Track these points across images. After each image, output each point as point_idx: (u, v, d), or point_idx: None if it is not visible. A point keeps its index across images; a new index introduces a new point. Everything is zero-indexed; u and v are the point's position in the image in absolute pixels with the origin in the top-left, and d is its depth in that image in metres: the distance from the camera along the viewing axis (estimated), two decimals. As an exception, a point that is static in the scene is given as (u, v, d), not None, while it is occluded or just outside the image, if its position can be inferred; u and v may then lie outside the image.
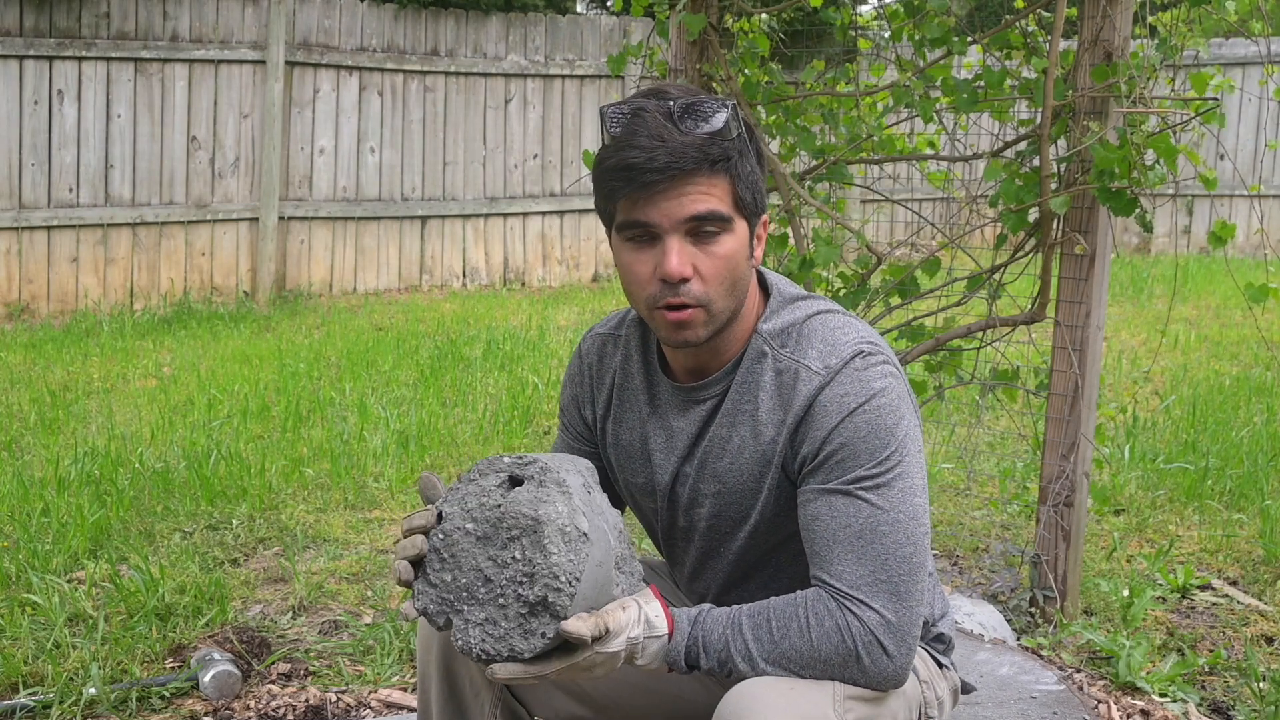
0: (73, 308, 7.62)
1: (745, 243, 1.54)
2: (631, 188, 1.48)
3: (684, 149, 1.46)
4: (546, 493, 1.42)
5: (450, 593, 1.44)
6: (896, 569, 1.46)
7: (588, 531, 1.41)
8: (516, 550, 1.40)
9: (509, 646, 1.40)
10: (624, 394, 1.72)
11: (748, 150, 1.53)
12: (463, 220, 9.15)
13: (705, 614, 1.50)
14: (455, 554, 1.44)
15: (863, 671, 1.45)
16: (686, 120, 1.48)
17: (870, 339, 1.56)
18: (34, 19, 7.38)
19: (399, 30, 8.77)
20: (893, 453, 1.49)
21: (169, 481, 3.98)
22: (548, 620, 1.38)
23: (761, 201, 1.56)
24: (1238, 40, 9.51)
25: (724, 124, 1.48)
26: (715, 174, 1.49)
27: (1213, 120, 2.79)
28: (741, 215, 1.53)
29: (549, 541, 1.39)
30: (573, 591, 1.38)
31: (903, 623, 1.46)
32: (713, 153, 1.48)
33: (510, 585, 1.40)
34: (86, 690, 2.55)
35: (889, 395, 1.51)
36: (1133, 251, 10.54)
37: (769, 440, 1.56)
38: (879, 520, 1.47)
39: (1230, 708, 2.60)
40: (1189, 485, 3.99)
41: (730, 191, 1.51)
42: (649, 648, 1.45)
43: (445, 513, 1.47)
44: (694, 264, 1.50)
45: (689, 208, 1.48)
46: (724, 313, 1.54)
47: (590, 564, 1.40)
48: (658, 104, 1.49)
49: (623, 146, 1.47)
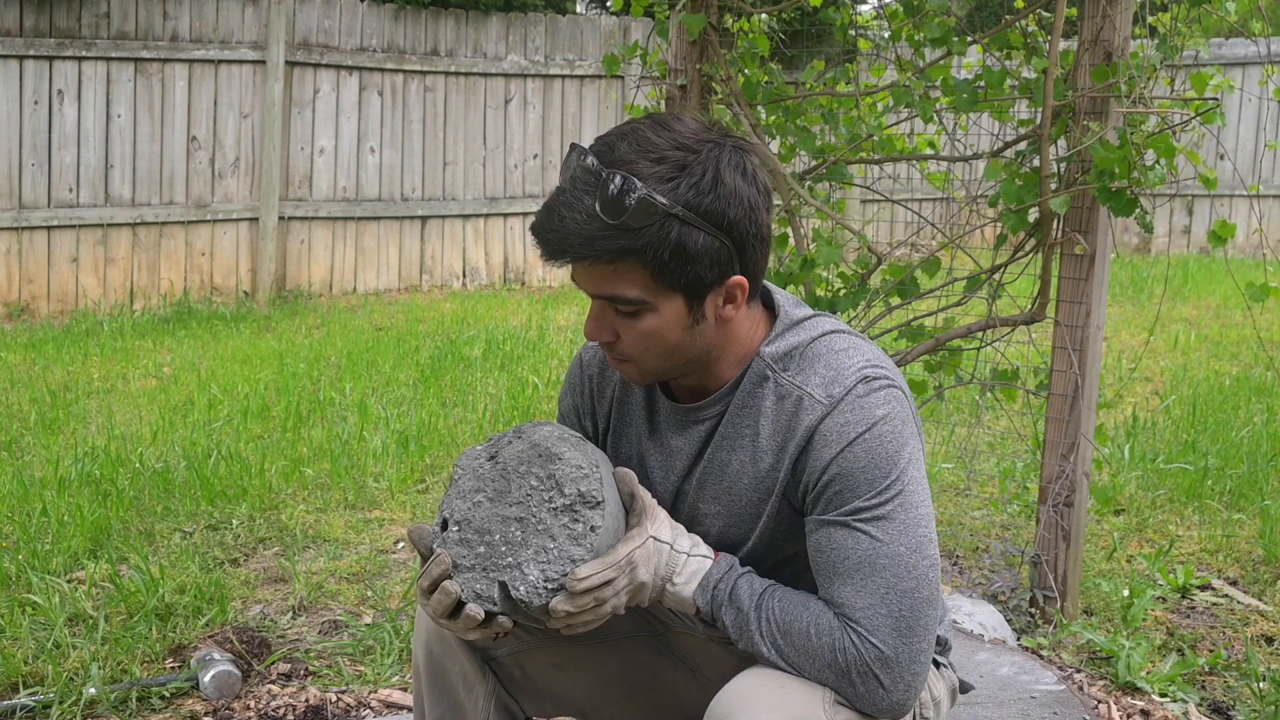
0: (73, 308, 7.62)
1: (676, 318, 1.47)
2: (539, 251, 1.45)
3: (580, 239, 1.41)
4: (529, 431, 1.50)
5: (490, 560, 1.46)
6: (897, 603, 1.43)
7: (581, 439, 1.50)
8: (532, 479, 1.46)
9: (569, 557, 1.43)
10: (624, 409, 1.70)
11: (675, 231, 1.41)
12: (463, 220, 9.15)
13: (744, 572, 1.53)
14: (477, 529, 1.47)
15: (856, 697, 1.45)
16: (598, 199, 1.40)
17: (875, 362, 1.53)
18: (34, 19, 7.38)
19: (399, 30, 8.77)
20: (893, 482, 1.46)
21: (169, 481, 3.98)
22: (590, 511, 1.43)
23: (710, 274, 1.45)
24: (1238, 40, 9.51)
25: (626, 216, 1.39)
26: (620, 261, 1.42)
27: (1213, 120, 2.78)
28: (671, 292, 1.45)
29: (554, 449, 1.46)
30: (598, 475, 1.45)
31: (901, 658, 1.43)
32: (609, 247, 1.41)
33: (541, 507, 1.44)
34: (86, 690, 2.55)
35: (891, 422, 1.48)
36: (1133, 251, 10.54)
37: (769, 467, 1.54)
38: (878, 554, 1.44)
39: (1230, 708, 2.59)
40: (1189, 485, 3.99)
41: (646, 276, 1.43)
42: (690, 564, 1.51)
43: (447, 513, 1.49)
44: (616, 329, 1.50)
45: (595, 287, 1.47)
46: (663, 371, 1.54)
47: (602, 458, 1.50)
48: (587, 170, 1.41)
49: (541, 212, 1.44)
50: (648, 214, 1.40)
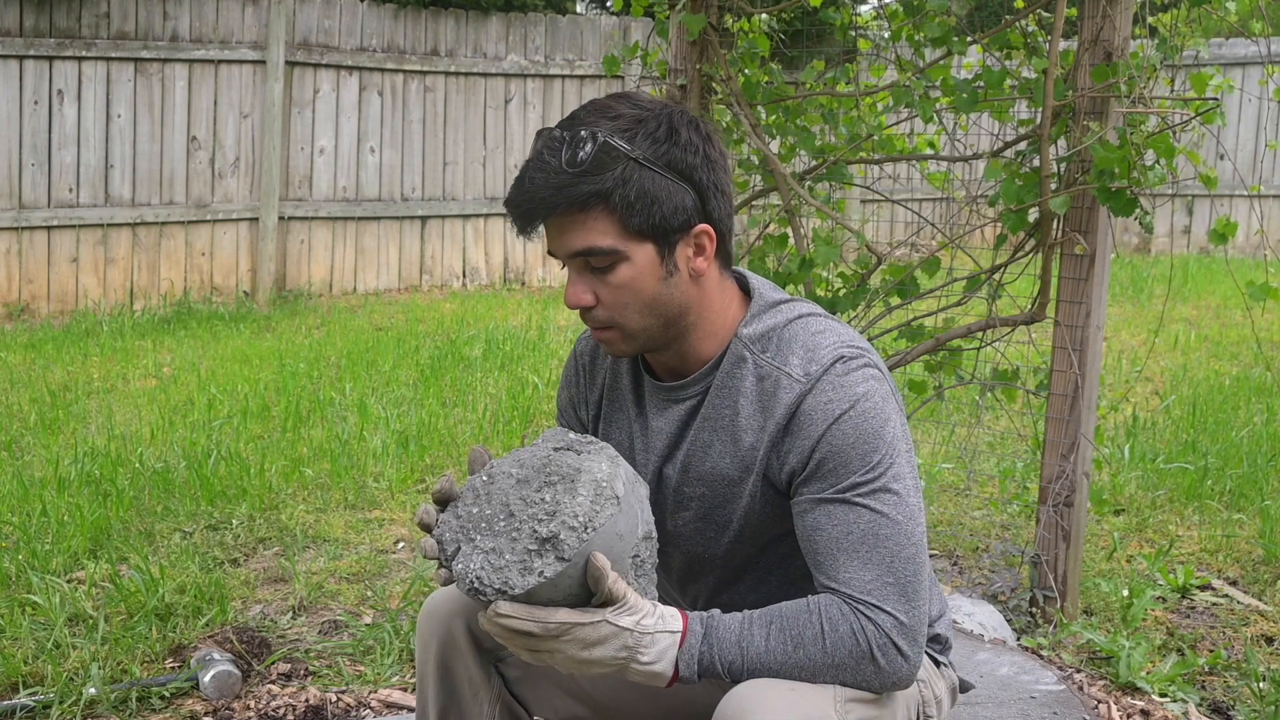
0: (73, 308, 7.62)
1: (649, 267, 1.52)
2: (515, 225, 1.52)
3: (549, 191, 1.47)
4: (595, 456, 1.46)
5: (470, 523, 1.46)
6: (902, 570, 1.46)
7: (620, 498, 1.43)
8: (548, 494, 1.43)
9: (504, 579, 1.40)
10: (614, 394, 1.73)
11: (636, 175, 1.49)
12: (463, 220, 9.15)
13: (716, 618, 1.49)
14: (491, 491, 1.47)
15: (878, 672, 1.45)
16: (552, 157, 1.48)
17: (851, 342, 1.56)
18: (34, 19, 7.38)
19: (399, 30, 8.77)
20: (883, 456, 1.48)
21: (169, 481, 3.98)
22: (551, 560, 1.39)
23: (675, 219, 1.52)
24: (1238, 40, 9.51)
25: (589, 161, 1.46)
26: (589, 209, 1.48)
27: (1213, 120, 2.78)
28: (640, 240, 1.51)
29: (581, 487, 1.42)
30: (585, 538, 1.39)
31: (914, 622, 1.46)
32: (578, 191, 1.47)
33: (529, 521, 1.42)
34: (86, 690, 2.55)
35: (873, 399, 1.50)
36: (1133, 251, 10.54)
37: (749, 446, 1.56)
38: (879, 525, 1.47)
39: (1230, 708, 2.59)
40: (1189, 485, 3.99)
41: (614, 223, 1.49)
42: (659, 642, 1.45)
43: (494, 463, 1.52)
44: (595, 292, 1.53)
45: (567, 244, 1.51)
46: (644, 331, 1.56)
47: (611, 528, 1.41)
48: (551, 136, 1.50)
49: (514, 182, 1.52)
50: (610, 158, 1.47)
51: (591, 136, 1.47)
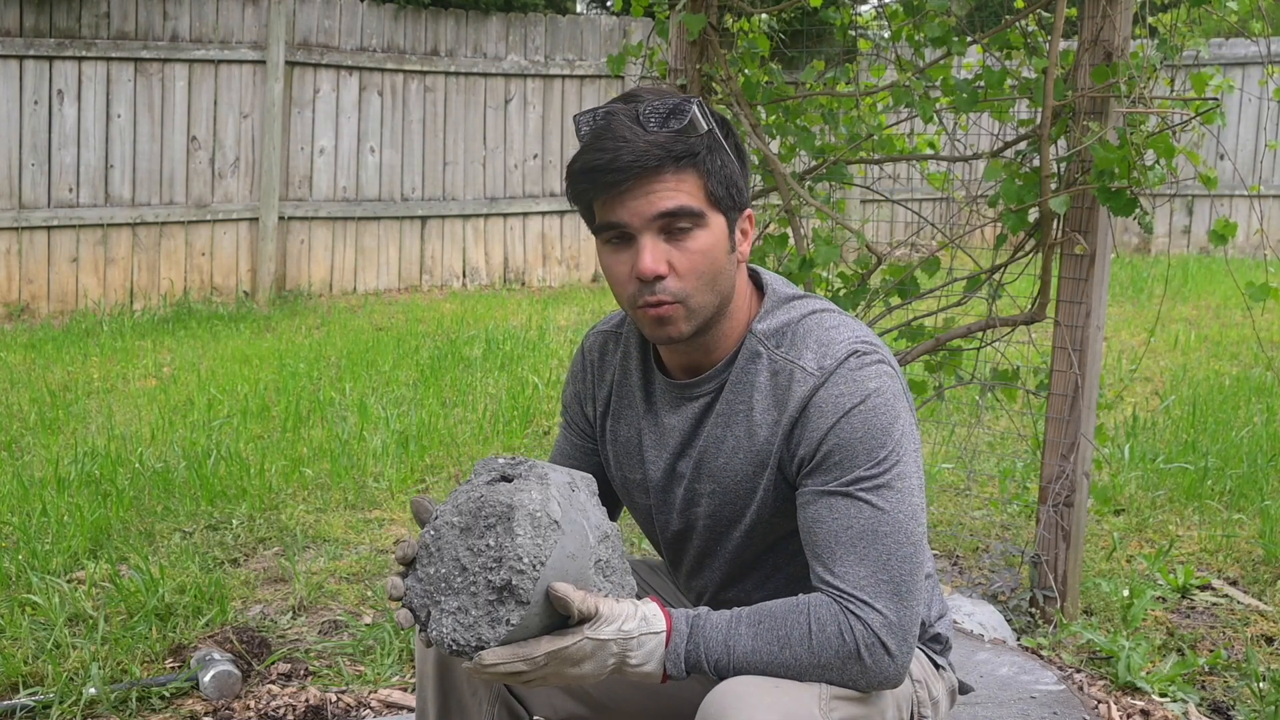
0: (73, 308, 7.62)
1: (722, 238, 1.54)
2: (597, 189, 1.50)
3: (647, 146, 1.48)
4: (525, 484, 1.43)
5: (431, 584, 1.44)
6: (897, 569, 1.46)
7: (559, 520, 1.40)
8: (491, 538, 1.40)
9: (477, 635, 1.39)
10: (623, 391, 1.74)
11: (719, 145, 1.53)
12: (463, 220, 9.15)
13: (704, 616, 1.49)
14: (440, 547, 1.44)
15: (863, 671, 1.45)
16: (652, 120, 1.49)
17: (865, 338, 1.56)
18: (34, 19, 7.38)
19: (399, 30, 8.77)
20: (890, 452, 1.49)
21: (169, 481, 3.98)
22: (513, 606, 1.38)
23: (740, 197, 1.57)
24: (1238, 40, 9.51)
25: (689, 120, 1.49)
26: (682, 170, 1.50)
27: (1213, 120, 2.78)
28: (716, 210, 1.53)
29: (517, 525, 1.39)
30: (536, 575, 1.37)
31: (904, 622, 1.46)
32: (677, 149, 1.49)
33: (481, 573, 1.40)
34: (86, 690, 2.55)
35: (884, 395, 1.51)
36: (1133, 251, 10.54)
37: (764, 440, 1.56)
38: (880, 521, 1.47)
39: (1230, 708, 2.59)
40: (1189, 485, 3.99)
41: (701, 186, 1.51)
42: (645, 644, 1.44)
43: (437, 510, 1.48)
44: (669, 260, 1.52)
45: (657, 205, 1.50)
46: (704, 308, 1.55)
47: (559, 552, 1.39)
48: (625, 107, 1.51)
49: (589, 150, 1.50)
50: (703, 122, 1.50)
51: (688, 101, 1.49)
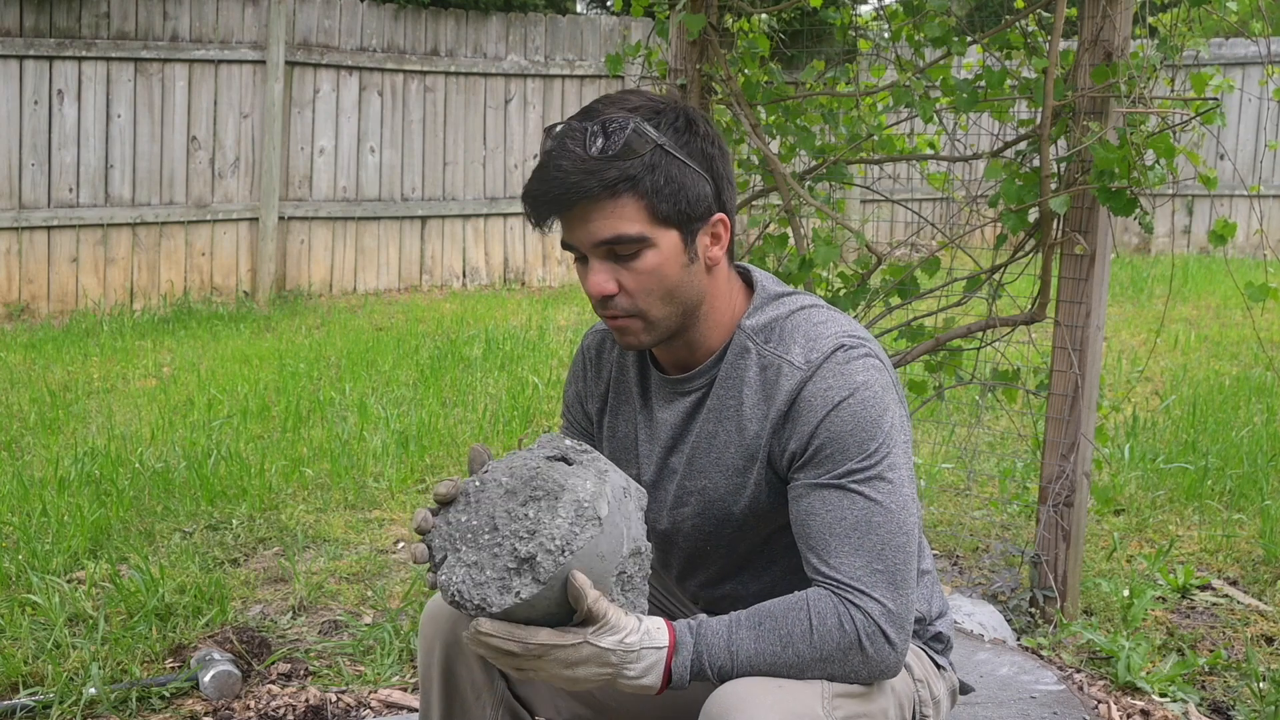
0: (73, 308, 7.62)
1: (675, 253, 1.54)
2: (536, 217, 1.52)
3: (580, 178, 1.47)
4: (584, 471, 1.44)
5: (458, 531, 1.44)
6: (892, 559, 1.47)
7: (602, 518, 1.40)
8: (532, 509, 1.41)
9: (483, 596, 1.39)
10: (620, 388, 1.75)
11: (667, 161, 1.50)
12: (463, 220, 9.15)
13: (705, 625, 1.49)
14: (481, 499, 1.45)
15: (865, 661, 1.46)
16: (590, 144, 1.48)
17: (852, 332, 1.57)
18: (34, 19, 7.38)
19: (399, 30, 8.77)
20: (880, 445, 1.50)
21: (169, 481, 3.98)
22: (528, 581, 1.38)
23: (698, 206, 1.54)
24: (1238, 40, 9.51)
25: (620, 146, 1.47)
26: (619, 195, 1.49)
27: (1213, 120, 2.78)
28: (665, 227, 1.52)
29: (562, 507, 1.40)
30: (562, 561, 1.37)
31: (901, 610, 1.47)
32: (610, 176, 1.47)
33: (510, 538, 1.40)
34: (86, 690, 2.55)
35: (873, 388, 1.51)
36: (1133, 251, 10.54)
37: (753, 435, 1.57)
38: (873, 512, 1.48)
39: (1230, 708, 2.60)
40: (1189, 485, 3.99)
41: (643, 209, 1.50)
42: (645, 658, 1.44)
43: (490, 465, 1.49)
44: (618, 280, 1.53)
45: (595, 234, 1.51)
46: (664, 319, 1.56)
47: (591, 549, 1.39)
48: (579, 125, 1.50)
49: (534, 177, 1.51)
50: (641, 143, 1.48)
51: (622, 123, 1.48)
